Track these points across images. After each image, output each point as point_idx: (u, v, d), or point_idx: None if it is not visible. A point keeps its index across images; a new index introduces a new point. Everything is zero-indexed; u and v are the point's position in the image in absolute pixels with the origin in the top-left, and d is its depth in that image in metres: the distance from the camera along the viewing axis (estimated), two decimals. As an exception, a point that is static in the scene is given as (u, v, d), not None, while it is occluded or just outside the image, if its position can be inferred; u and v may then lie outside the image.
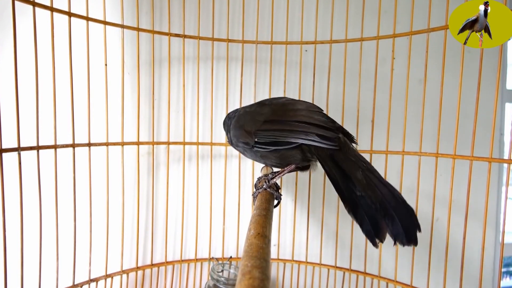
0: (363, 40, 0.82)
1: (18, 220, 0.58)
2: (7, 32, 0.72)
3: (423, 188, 0.78)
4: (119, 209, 0.79)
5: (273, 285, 0.92)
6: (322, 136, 0.54)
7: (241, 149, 0.65)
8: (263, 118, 0.60)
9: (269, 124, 0.59)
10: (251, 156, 0.64)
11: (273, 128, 0.58)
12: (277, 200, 0.60)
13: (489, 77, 0.71)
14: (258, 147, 0.59)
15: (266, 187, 0.59)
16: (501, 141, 1.10)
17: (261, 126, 0.59)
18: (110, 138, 0.76)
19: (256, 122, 0.60)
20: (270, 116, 0.60)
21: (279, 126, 0.58)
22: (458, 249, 0.69)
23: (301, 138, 0.55)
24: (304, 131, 0.55)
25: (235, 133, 0.64)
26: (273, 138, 0.57)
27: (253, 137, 0.59)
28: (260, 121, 0.60)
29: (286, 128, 0.57)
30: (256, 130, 0.59)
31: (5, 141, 0.55)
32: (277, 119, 0.59)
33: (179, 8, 0.87)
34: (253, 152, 0.61)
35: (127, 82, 0.84)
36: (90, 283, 0.74)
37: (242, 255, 0.36)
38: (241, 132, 0.62)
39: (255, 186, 0.67)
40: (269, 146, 0.58)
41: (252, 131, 0.59)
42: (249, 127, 0.61)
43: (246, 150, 0.63)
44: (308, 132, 0.55)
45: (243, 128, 0.62)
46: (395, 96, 0.79)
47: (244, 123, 0.63)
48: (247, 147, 0.61)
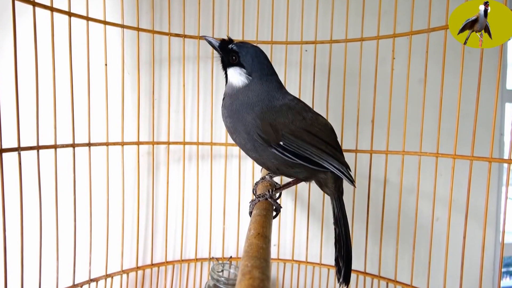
0: (363, 40, 0.82)
1: (18, 220, 0.58)
2: (7, 32, 0.72)
3: (423, 188, 0.78)
4: (119, 209, 0.79)
5: (273, 285, 0.92)
6: (347, 171, 0.56)
7: (243, 136, 0.54)
8: (302, 124, 0.54)
9: (306, 134, 0.54)
10: (253, 152, 0.55)
11: (310, 142, 0.53)
12: (276, 212, 0.57)
13: (489, 77, 0.70)
14: (280, 151, 0.52)
15: (268, 198, 0.55)
16: (501, 141, 1.10)
17: (295, 131, 0.53)
18: (110, 138, 0.76)
19: (290, 124, 0.53)
20: (308, 125, 0.55)
21: (315, 142, 0.54)
22: (458, 249, 0.69)
23: (334, 166, 0.54)
24: (337, 159, 0.55)
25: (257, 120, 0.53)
26: (305, 152, 0.52)
27: (279, 138, 0.52)
28: (295, 125, 0.53)
29: (321, 148, 0.54)
30: (287, 133, 0.52)
31: (5, 141, 0.55)
32: (313, 131, 0.55)
33: (179, 8, 0.87)
34: (267, 151, 0.53)
35: (127, 82, 0.84)
36: (90, 283, 0.74)
37: (242, 255, 0.36)
38: (262, 123, 0.53)
39: (253, 191, 0.65)
40: (296, 157, 0.52)
41: (282, 132, 0.52)
42: (279, 125, 0.53)
43: (256, 145, 0.54)
44: (341, 163, 0.55)
45: (266, 120, 0.53)
46: (395, 96, 0.79)
47: (270, 116, 0.53)
48: (261, 143, 0.53)
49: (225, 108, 0.57)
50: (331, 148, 0.55)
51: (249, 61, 0.56)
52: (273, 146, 0.52)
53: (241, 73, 0.56)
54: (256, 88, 0.55)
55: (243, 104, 0.55)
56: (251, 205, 0.56)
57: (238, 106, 0.55)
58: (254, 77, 0.56)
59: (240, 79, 0.56)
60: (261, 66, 0.56)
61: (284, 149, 0.52)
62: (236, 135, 0.55)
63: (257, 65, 0.56)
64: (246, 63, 0.56)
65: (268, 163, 0.55)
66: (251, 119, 0.53)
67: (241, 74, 0.56)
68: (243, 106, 0.54)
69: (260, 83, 0.56)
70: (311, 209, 0.92)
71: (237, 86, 0.56)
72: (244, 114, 0.54)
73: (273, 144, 0.52)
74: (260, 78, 0.56)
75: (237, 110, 0.55)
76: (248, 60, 0.56)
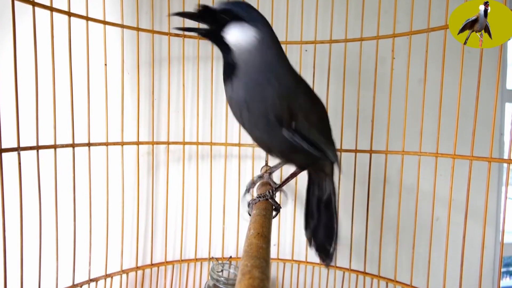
0: (363, 40, 0.82)
1: (18, 220, 0.58)
2: (7, 32, 0.72)
3: (423, 188, 0.78)
4: (119, 209, 0.79)
5: (273, 285, 0.92)
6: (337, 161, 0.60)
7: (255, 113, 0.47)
8: (315, 108, 0.54)
9: (318, 120, 0.54)
10: (261, 131, 0.49)
11: (319, 129, 0.54)
12: (276, 212, 0.56)
13: (489, 77, 0.70)
14: (290, 135, 0.48)
15: (269, 198, 0.55)
16: (501, 141, 1.10)
17: (308, 115, 0.51)
18: (109, 138, 0.76)
19: (305, 108, 0.51)
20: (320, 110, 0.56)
21: (323, 130, 0.56)
22: (458, 249, 0.69)
23: (329, 152, 0.56)
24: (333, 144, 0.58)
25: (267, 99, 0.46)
26: (315, 139, 0.52)
27: (291, 120, 0.48)
28: (310, 108, 0.52)
29: (324, 134, 0.56)
30: (299, 116, 0.49)
31: (4, 141, 0.55)
32: (324, 118, 0.58)
33: (179, 8, 0.87)
34: (277, 132, 0.48)
35: (127, 82, 0.84)
36: (90, 283, 0.74)
37: (242, 255, 0.36)
38: (281, 106, 0.47)
39: (247, 189, 0.65)
40: (303, 141, 0.50)
41: (295, 114, 0.48)
42: (297, 108, 0.49)
43: (268, 125, 0.47)
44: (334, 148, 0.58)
45: (287, 104, 0.47)
46: (395, 96, 0.79)
47: (293, 100, 0.48)
48: (275, 122, 0.47)
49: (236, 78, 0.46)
50: (330, 134, 0.59)
51: (247, 11, 0.46)
52: (285, 128, 0.48)
53: (243, 29, 0.45)
54: (267, 40, 0.46)
55: (260, 67, 0.46)
56: (250, 204, 0.55)
57: (254, 72, 0.46)
58: (263, 32, 0.46)
59: (247, 35, 0.45)
60: (263, 19, 0.48)
61: (295, 132, 0.49)
62: (249, 112, 0.47)
63: (257, 17, 0.47)
64: (244, 15, 0.45)
65: (272, 144, 0.52)
66: (272, 96, 0.45)
67: (243, 30, 0.45)
68: (260, 69, 0.46)
69: (267, 33, 0.47)
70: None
71: (247, 46, 0.45)
72: (264, 85, 0.45)
73: (285, 125, 0.47)
74: (264, 27, 0.47)
75: (254, 77, 0.46)
76: (247, 11, 0.46)
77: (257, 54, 0.46)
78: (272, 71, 0.47)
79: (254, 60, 0.46)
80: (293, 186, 0.91)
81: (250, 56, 0.46)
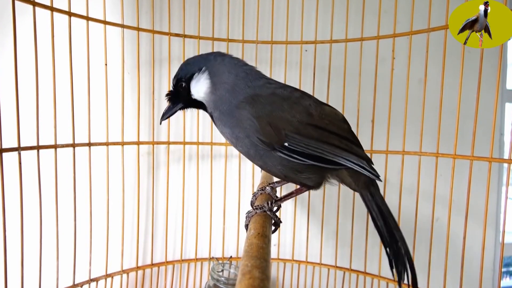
0: (363, 40, 0.82)
1: (18, 220, 0.58)
2: (7, 32, 0.72)
3: (423, 188, 0.78)
4: (119, 209, 0.79)
5: (273, 285, 0.92)
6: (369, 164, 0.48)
7: (244, 141, 0.47)
8: (306, 118, 0.46)
9: (313, 130, 0.46)
10: (258, 159, 0.49)
11: (319, 138, 0.46)
12: (275, 227, 0.52)
13: (489, 77, 0.70)
14: (286, 154, 0.45)
15: (267, 210, 0.50)
16: (501, 141, 1.10)
17: (299, 128, 0.46)
18: (110, 138, 0.76)
19: (291, 121, 0.46)
20: (316, 120, 0.47)
21: (326, 138, 0.46)
22: (458, 249, 0.69)
23: (352, 161, 0.46)
24: (355, 154, 0.47)
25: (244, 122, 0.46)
26: (315, 150, 0.45)
27: (283, 139, 0.45)
28: (298, 120, 0.46)
29: (334, 143, 0.46)
30: (290, 132, 0.45)
31: (5, 141, 0.55)
32: (320, 125, 0.47)
33: (179, 7, 0.87)
34: (271, 156, 0.46)
35: (127, 82, 0.84)
36: (90, 283, 0.74)
37: (242, 255, 0.36)
38: (260, 123, 0.45)
39: (251, 204, 0.58)
40: (305, 158, 0.45)
41: (284, 132, 0.45)
42: (282, 123, 0.45)
43: (258, 150, 0.47)
44: (359, 156, 0.48)
45: (264, 119, 0.45)
46: (395, 96, 0.79)
47: (271, 115, 0.46)
48: (263, 147, 0.46)
49: (218, 121, 0.50)
50: (346, 141, 0.48)
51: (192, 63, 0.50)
52: (277, 149, 0.45)
53: (197, 81, 0.49)
54: (221, 74, 0.49)
55: (226, 100, 0.48)
56: (247, 217, 0.51)
57: (224, 107, 0.48)
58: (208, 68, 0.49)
59: (202, 84, 0.49)
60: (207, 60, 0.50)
61: (290, 151, 0.45)
62: (239, 142, 0.48)
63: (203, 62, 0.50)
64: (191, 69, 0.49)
65: (274, 170, 0.49)
66: (246, 118, 0.46)
67: (198, 80, 0.49)
68: (227, 101, 0.47)
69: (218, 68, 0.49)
70: (311, 209, 0.92)
71: (208, 91, 0.49)
72: (235, 110, 0.47)
73: (277, 147, 0.45)
74: (214, 64, 0.49)
75: (226, 112, 0.48)
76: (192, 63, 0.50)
77: (218, 90, 0.48)
78: (242, 97, 0.47)
79: (219, 97, 0.48)
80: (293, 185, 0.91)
81: (214, 97, 0.49)
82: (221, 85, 0.48)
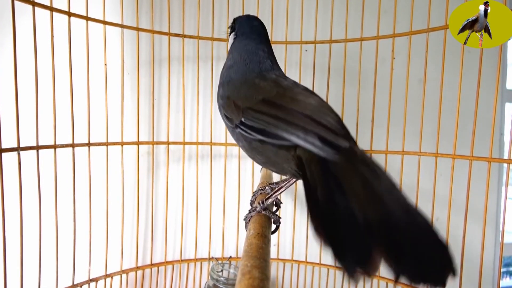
0: (363, 40, 0.82)
1: (18, 220, 0.58)
2: (7, 32, 0.72)
3: (423, 188, 0.78)
4: (119, 209, 0.79)
5: (273, 285, 0.92)
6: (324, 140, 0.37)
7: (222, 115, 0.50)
8: (262, 96, 0.45)
9: (267, 106, 0.43)
10: (235, 140, 0.49)
11: (268, 112, 0.42)
12: (275, 225, 0.51)
13: (489, 77, 0.70)
14: (242, 129, 0.44)
15: (260, 210, 0.49)
16: (501, 141, 1.10)
17: (255, 104, 0.44)
18: (109, 138, 0.76)
19: (251, 98, 0.45)
20: (273, 97, 0.44)
21: (276, 111, 0.42)
22: (458, 249, 0.69)
23: (296, 135, 0.38)
24: (304, 128, 0.38)
25: (222, 99, 0.50)
26: (263, 124, 0.42)
27: (240, 115, 0.44)
28: (256, 98, 0.45)
29: (282, 117, 0.40)
30: (247, 107, 0.44)
31: (4, 141, 0.55)
32: (278, 102, 0.43)
33: (179, 8, 0.87)
34: (235, 134, 0.47)
35: (127, 82, 0.84)
36: (90, 283, 0.74)
37: (242, 255, 0.36)
38: (227, 102, 0.47)
39: (251, 203, 0.58)
40: (256, 132, 0.42)
41: (242, 107, 0.45)
42: (240, 100, 0.46)
43: (228, 128, 0.49)
44: (309, 131, 0.38)
45: (231, 98, 0.47)
46: (395, 96, 0.79)
47: (234, 93, 0.48)
48: (229, 124, 0.47)
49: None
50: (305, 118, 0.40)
51: (238, 22, 0.57)
52: (237, 125, 0.44)
53: (231, 36, 0.58)
54: (239, 46, 0.54)
55: (223, 76, 0.54)
56: (246, 222, 0.49)
57: (221, 80, 0.53)
58: (238, 35, 0.56)
59: (230, 42, 0.58)
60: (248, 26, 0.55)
61: (246, 126, 0.43)
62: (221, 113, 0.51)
63: (243, 24, 0.56)
64: (236, 25, 0.57)
65: (244, 150, 0.48)
66: (220, 97, 0.50)
67: (231, 37, 0.58)
68: (222, 78, 0.53)
69: (240, 40, 0.55)
70: (311, 209, 0.92)
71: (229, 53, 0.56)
72: (220, 88, 0.52)
73: (237, 122, 0.44)
74: (242, 34, 0.55)
75: (220, 84, 0.53)
76: (238, 23, 0.57)
77: (229, 60, 0.54)
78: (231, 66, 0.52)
79: (225, 67, 0.55)
80: (293, 185, 0.91)
81: (227, 61, 0.55)
82: (230, 59, 0.54)
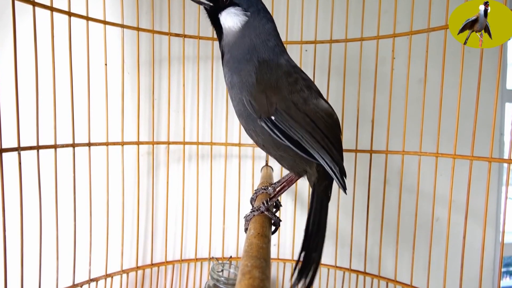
0: (363, 40, 0.82)
1: (18, 220, 0.58)
2: (7, 32, 0.72)
3: (423, 188, 0.78)
4: (119, 209, 0.79)
5: (273, 285, 0.92)
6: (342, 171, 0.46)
7: (236, 98, 0.48)
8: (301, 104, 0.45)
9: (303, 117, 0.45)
10: (241, 118, 0.48)
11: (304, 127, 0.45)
12: (275, 227, 0.51)
13: (489, 77, 0.70)
14: (269, 126, 0.45)
15: (264, 210, 0.49)
16: (501, 141, 1.10)
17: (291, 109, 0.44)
18: (110, 138, 0.76)
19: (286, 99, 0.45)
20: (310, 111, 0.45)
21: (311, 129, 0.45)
22: (458, 249, 0.69)
23: (324, 160, 0.45)
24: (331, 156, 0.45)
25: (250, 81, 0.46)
26: (296, 135, 0.44)
27: (271, 111, 0.44)
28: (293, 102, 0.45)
29: (317, 138, 0.45)
30: (281, 109, 0.44)
31: (5, 141, 0.55)
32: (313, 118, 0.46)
33: (179, 7, 0.87)
34: (255, 124, 0.46)
35: (127, 82, 0.84)
36: (90, 283, 0.74)
37: (242, 254, 0.36)
38: (257, 89, 0.45)
39: (251, 201, 0.58)
40: (284, 137, 0.45)
41: (276, 104, 0.44)
42: (274, 94, 0.45)
43: (245, 114, 0.47)
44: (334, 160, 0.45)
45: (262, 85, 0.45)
46: (395, 96, 0.79)
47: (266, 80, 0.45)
48: (251, 111, 0.46)
49: (226, 62, 0.49)
50: (329, 143, 0.46)
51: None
52: (263, 118, 0.45)
53: (236, 12, 0.49)
54: (257, 26, 0.48)
55: (243, 49, 0.48)
56: (246, 221, 0.50)
57: (238, 53, 0.48)
58: (252, 12, 0.49)
59: (237, 19, 0.49)
60: (261, 2, 0.50)
61: (274, 126, 0.45)
62: (232, 92, 0.48)
63: (254, 3, 0.49)
64: (241, 1, 0.49)
65: (253, 135, 0.48)
66: (247, 72, 0.46)
67: (236, 14, 0.49)
68: (243, 51, 0.48)
69: (259, 19, 0.49)
70: (311, 209, 0.92)
71: (235, 30, 0.49)
72: (243, 62, 0.47)
73: (263, 116, 0.45)
74: (259, 13, 0.49)
75: (236, 58, 0.48)
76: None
77: (244, 39, 0.48)
78: (257, 56, 0.47)
79: (240, 44, 0.48)
80: (293, 185, 0.91)
81: (236, 40, 0.49)
82: (248, 37, 0.48)
